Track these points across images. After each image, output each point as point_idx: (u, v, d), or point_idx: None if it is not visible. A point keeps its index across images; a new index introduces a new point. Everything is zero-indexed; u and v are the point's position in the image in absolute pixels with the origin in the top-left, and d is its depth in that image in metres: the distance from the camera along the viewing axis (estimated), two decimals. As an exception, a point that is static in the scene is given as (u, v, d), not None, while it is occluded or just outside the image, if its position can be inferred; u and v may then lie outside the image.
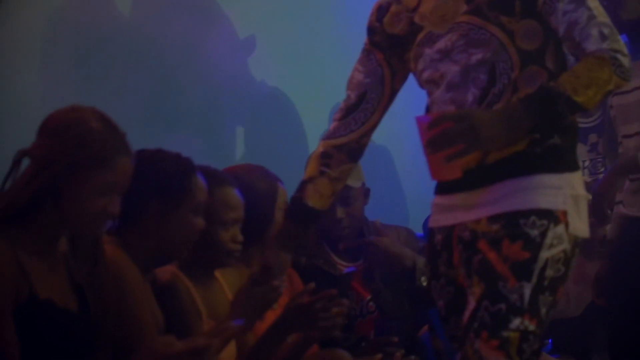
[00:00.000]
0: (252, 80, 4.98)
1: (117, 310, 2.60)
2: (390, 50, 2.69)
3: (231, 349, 3.13)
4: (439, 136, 2.35)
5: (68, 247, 2.54)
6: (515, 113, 2.39)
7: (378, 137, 2.95)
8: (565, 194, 2.50)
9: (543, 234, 2.46)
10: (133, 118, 4.21)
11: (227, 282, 3.26)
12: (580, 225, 2.52)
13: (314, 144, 4.51)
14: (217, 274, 3.24)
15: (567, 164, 2.54)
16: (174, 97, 4.57)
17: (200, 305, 3.05)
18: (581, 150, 4.15)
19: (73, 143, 2.42)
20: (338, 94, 4.63)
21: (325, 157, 2.75)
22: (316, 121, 4.07)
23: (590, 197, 2.73)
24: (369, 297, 3.89)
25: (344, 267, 3.92)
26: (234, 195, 3.15)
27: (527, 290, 2.43)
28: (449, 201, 2.59)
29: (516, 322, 2.42)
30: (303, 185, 2.76)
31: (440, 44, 2.56)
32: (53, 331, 2.40)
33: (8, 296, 2.32)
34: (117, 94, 4.25)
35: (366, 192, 3.97)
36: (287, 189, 3.45)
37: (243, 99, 4.92)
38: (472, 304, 2.46)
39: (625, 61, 2.43)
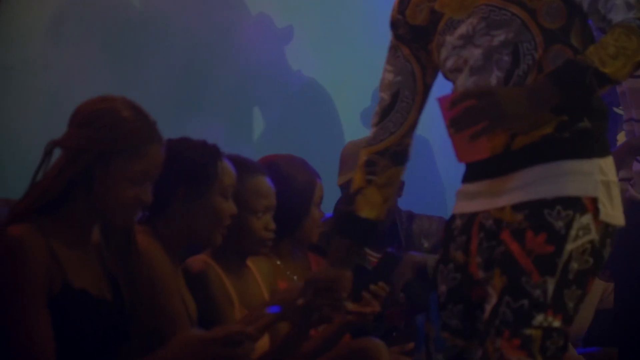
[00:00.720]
0: (288, 69, 4.96)
1: (149, 299, 2.61)
2: (415, 44, 2.63)
3: (264, 338, 3.11)
4: (461, 114, 2.29)
5: (101, 237, 2.55)
6: (541, 88, 2.33)
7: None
8: (595, 180, 2.40)
9: (568, 226, 2.37)
10: (166, 105, 4.21)
11: (259, 271, 3.26)
12: (612, 213, 2.42)
13: (349, 136, 4.51)
14: (250, 262, 3.24)
15: (597, 149, 2.44)
16: (208, 84, 4.56)
17: (232, 293, 3.06)
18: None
19: (105, 132, 2.43)
20: (373, 87, 4.62)
21: (369, 166, 2.66)
22: (352, 113, 4.05)
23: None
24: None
25: (375, 258, 3.89)
26: (265, 183, 3.15)
27: (551, 285, 2.35)
28: (474, 188, 2.51)
29: (539, 318, 2.33)
30: (352, 198, 2.67)
31: (462, 30, 2.49)
32: (88, 321, 2.41)
33: (42, 286, 2.34)
34: (148, 81, 4.25)
35: (400, 186, 3.93)
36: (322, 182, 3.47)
37: (278, 89, 4.90)
38: (493, 298, 2.39)
39: None
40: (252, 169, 3.14)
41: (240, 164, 3.11)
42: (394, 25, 2.65)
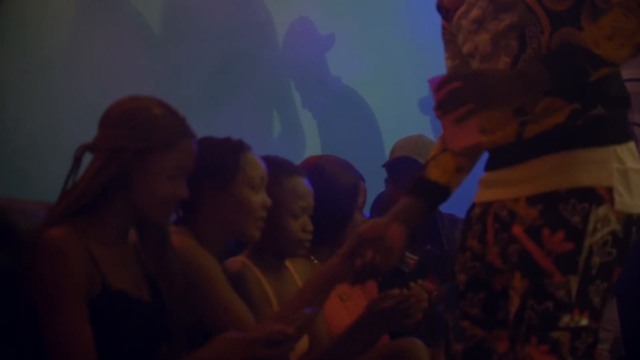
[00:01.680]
0: (327, 74, 4.96)
1: (201, 296, 2.65)
2: None
3: (303, 338, 3.12)
4: (447, 96, 2.23)
5: (137, 238, 2.58)
6: (530, 70, 2.25)
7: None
8: (610, 168, 2.31)
9: (585, 219, 2.29)
10: (201, 102, 4.22)
11: (298, 272, 3.27)
12: (630, 202, 2.32)
13: (390, 142, 4.50)
14: (288, 264, 3.25)
15: (613, 136, 2.34)
16: (244, 83, 4.56)
17: (270, 294, 3.07)
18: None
19: (140, 130, 2.46)
20: (413, 94, 4.62)
21: None
22: (391, 120, 4.04)
23: None
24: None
25: (414, 261, 3.85)
26: (303, 184, 3.15)
27: (574, 284, 2.28)
28: (491, 177, 2.46)
29: (565, 319, 2.27)
30: (426, 163, 2.64)
31: (474, 13, 2.44)
32: (128, 321, 2.43)
33: (82, 288, 2.37)
34: (185, 77, 4.26)
35: None
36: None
37: (318, 93, 4.91)
38: (515, 301, 2.33)
39: None
40: (289, 170, 3.15)
41: (278, 164, 3.12)
42: (439, 9, 2.61)
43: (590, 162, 2.33)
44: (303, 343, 3.14)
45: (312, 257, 3.38)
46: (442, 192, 2.61)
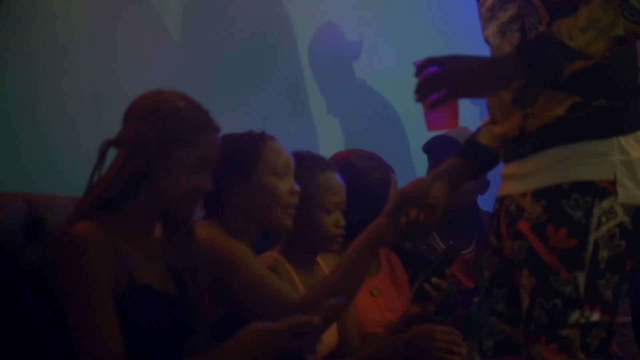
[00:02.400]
0: (353, 77, 4.95)
1: (237, 282, 2.65)
2: None
3: (331, 329, 3.11)
4: (424, 81, 2.24)
5: (162, 232, 2.57)
6: (504, 60, 2.23)
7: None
8: (612, 161, 2.27)
9: (588, 214, 2.26)
10: (224, 96, 4.21)
11: (329, 268, 3.24)
12: (637, 193, 2.28)
13: (414, 144, 4.47)
14: (320, 260, 3.23)
15: (616, 126, 2.29)
16: (267, 79, 4.55)
17: (302, 290, 3.04)
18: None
19: (163, 123, 2.46)
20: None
21: None
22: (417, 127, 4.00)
23: None
24: (472, 286, 3.77)
25: (441, 249, 3.79)
26: (335, 179, 3.14)
27: (582, 280, 2.24)
28: (505, 171, 2.45)
29: (575, 315, 2.25)
30: (478, 129, 2.65)
31: (488, 1, 2.44)
32: (154, 316, 2.43)
33: (109, 283, 2.37)
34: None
35: (484, 183, 3.89)
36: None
37: (343, 96, 4.89)
38: (525, 300, 2.31)
39: (637, 2, 2.19)
40: (321, 165, 3.14)
41: (310, 159, 3.12)
42: None
43: (590, 155, 2.29)
44: (332, 338, 3.14)
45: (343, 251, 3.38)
46: (490, 158, 2.61)
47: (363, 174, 3.37)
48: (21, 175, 3.49)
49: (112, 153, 2.52)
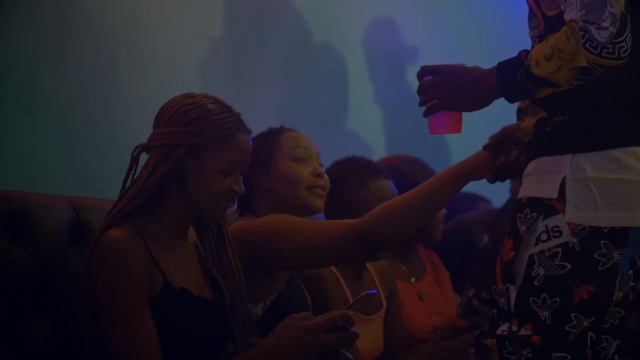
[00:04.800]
0: (403, 71, 4.91)
1: (292, 239, 2.62)
2: None
3: (377, 336, 3.15)
4: (419, 89, 2.31)
5: (197, 236, 2.57)
6: (485, 77, 2.24)
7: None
8: (556, 179, 2.22)
9: (529, 229, 2.23)
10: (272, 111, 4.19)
11: (378, 273, 3.25)
12: (585, 214, 2.21)
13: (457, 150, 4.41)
14: (369, 265, 3.23)
15: (575, 144, 2.23)
16: (309, 77, 4.53)
17: (348, 294, 3.05)
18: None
19: (193, 126, 2.46)
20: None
21: None
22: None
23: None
24: None
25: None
26: (389, 187, 3.17)
27: (513, 293, 2.23)
28: None
29: (504, 327, 2.24)
30: None
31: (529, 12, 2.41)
32: (190, 319, 2.42)
33: (145, 287, 2.36)
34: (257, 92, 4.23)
35: None
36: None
37: (389, 88, 4.84)
38: None
39: (601, 34, 2.12)
40: (375, 172, 3.17)
41: (365, 166, 3.16)
42: None
43: (541, 171, 2.27)
44: (378, 344, 3.15)
45: (394, 260, 3.36)
46: None
47: (410, 180, 3.34)
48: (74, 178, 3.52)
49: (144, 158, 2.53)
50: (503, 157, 2.50)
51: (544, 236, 2.22)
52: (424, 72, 2.31)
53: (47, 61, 3.49)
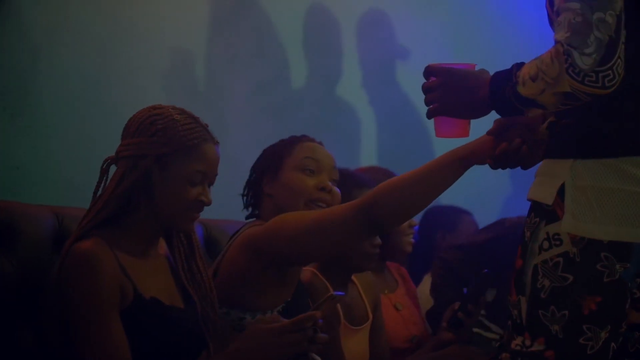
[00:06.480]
0: (388, 81, 4.90)
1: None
2: None
3: (364, 347, 3.15)
4: (423, 89, 2.23)
5: (167, 247, 2.59)
6: (483, 87, 2.14)
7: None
8: (555, 184, 2.12)
9: (533, 236, 2.14)
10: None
11: (362, 285, 3.25)
12: (584, 225, 2.10)
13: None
14: (354, 278, 3.23)
15: (577, 149, 2.12)
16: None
17: (338, 307, 3.04)
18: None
19: (160, 136, 2.48)
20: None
21: None
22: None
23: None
24: None
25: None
26: None
27: (524, 305, 2.13)
28: None
29: (517, 341, 2.13)
30: None
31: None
32: (163, 329, 2.43)
33: (115, 298, 2.37)
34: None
35: None
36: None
37: (378, 101, 4.83)
38: None
39: (583, 61, 1.99)
40: (360, 183, 3.18)
41: (349, 177, 3.16)
42: None
43: (545, 174, 2.19)
44: (364, 354, 3.14)
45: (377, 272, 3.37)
46: None
47: None
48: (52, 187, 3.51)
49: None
50: (504, 144, 2.32)
51: (545, 244, 2.12)
52: (429, 72, 2.23)
53: (32, 70, 3.50)
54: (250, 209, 2.92)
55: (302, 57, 4.48)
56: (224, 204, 2.99)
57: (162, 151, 2.46)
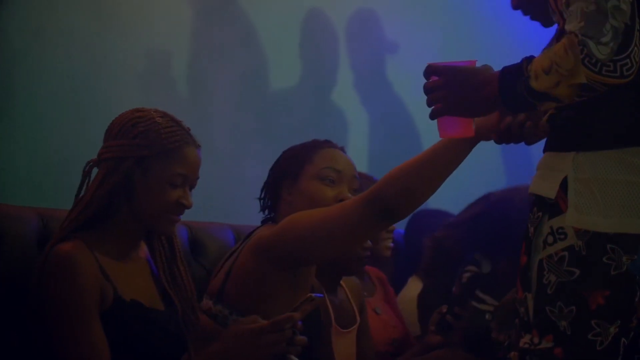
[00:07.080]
0: (382, 80, 4.88)
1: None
2: None
3: (352, 349, 3.14)
4: (425, 90, 2.15)
5: (148, 250, 2.60)
6: (491, 83, 2.06)
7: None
8: (556, 177, 2.08)
9: (536, 230, 2.09)
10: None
11: (348, 287, 3.25)
12: (588, 218, 2.05)
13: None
14: (342, 282, 3.22)
15: (578, 141, 2.08)
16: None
17: (330, 311, 3.04)
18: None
19: (141, 138, 2.49)
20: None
21: None
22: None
23: None
24: None
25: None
26: None
27: (530, 302, 2.08)
28: None
29: (525, 339, 2.08)
30: None
31: None
32: (144, 331, 2.44)
33: (94, 300, 2.38)
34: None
35: None
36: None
37: (371, 100, 4.82)
38: None
39: (600, 50, 1.94)
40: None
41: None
42: None
43: (547, 167, 2.14)
44: (351, 357, 3.13)
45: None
46: None
47: None
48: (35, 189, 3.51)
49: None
50: (509, 118, 2.29)
51: (550, 239, 2.08)
52: (430, 71, 2.15)
53: (18, 71, 3.50)
54: (266, 211, 2.88)
55: (290, 58, 4.47)
56: (208, 206, 2.97)
57: (144, 154, 2.48)
